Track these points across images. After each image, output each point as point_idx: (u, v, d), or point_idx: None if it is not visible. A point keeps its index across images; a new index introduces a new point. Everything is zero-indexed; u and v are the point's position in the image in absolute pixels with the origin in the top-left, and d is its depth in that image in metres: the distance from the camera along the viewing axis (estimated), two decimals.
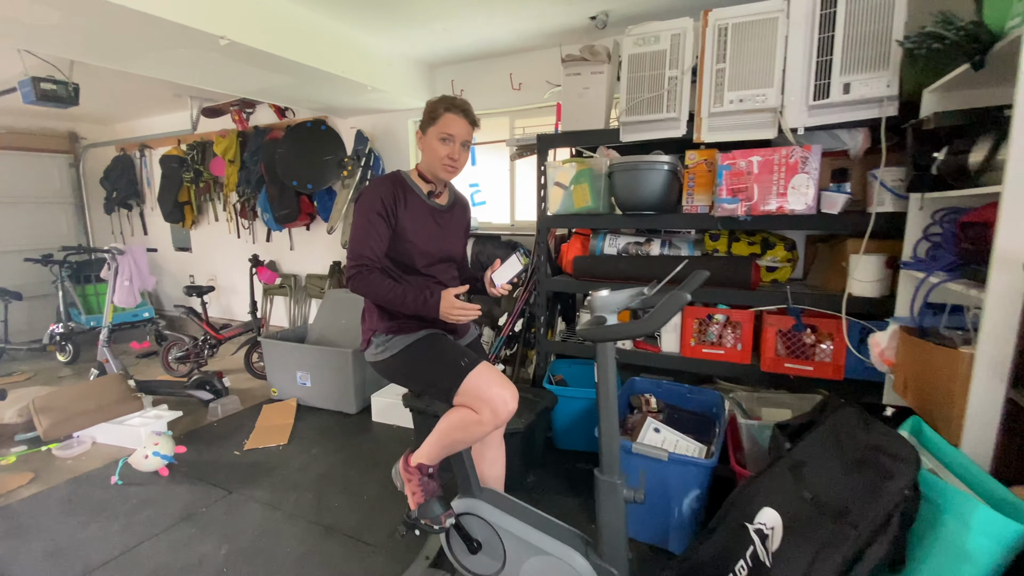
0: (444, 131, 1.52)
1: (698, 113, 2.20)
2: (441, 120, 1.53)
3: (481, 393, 1.39)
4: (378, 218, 1.50)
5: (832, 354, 2.11)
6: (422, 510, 1.53)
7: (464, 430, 1.43)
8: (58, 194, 5.50)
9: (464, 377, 1.41)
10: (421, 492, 1.54)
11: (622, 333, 1.18)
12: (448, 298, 1.42)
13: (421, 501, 1.53)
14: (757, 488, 1.44)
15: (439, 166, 1.56)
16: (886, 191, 1.93)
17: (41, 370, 4.26)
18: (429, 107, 1.57)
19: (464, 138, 1.55)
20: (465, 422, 1.42)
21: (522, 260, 1.54)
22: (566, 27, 2.99)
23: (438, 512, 1.51)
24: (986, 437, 1.22)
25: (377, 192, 1.52)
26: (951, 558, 1.05)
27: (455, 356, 1.47)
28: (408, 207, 1.55)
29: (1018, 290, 1.14)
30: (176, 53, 2.57)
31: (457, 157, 1.55)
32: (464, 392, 1.41)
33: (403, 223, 1.53)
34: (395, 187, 1.55)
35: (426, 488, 1.54)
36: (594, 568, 1.36)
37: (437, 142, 1.53)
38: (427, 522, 1.51)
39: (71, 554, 1.95)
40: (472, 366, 1.43)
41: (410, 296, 1.44)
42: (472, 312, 1.42)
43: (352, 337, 3.35)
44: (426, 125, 1.57)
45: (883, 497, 1.07)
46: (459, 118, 1.53)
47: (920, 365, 1.46)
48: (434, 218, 1.61)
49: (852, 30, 1.87)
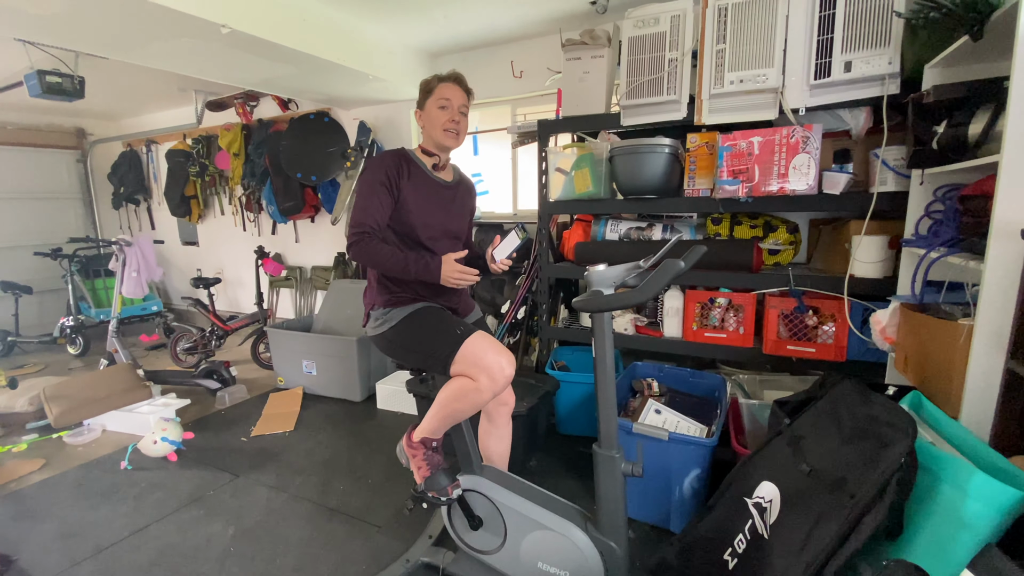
0: (441, 97, 1.58)
1: (699, 95, 2.19)
2: (437, 90, 1.59)
3: (478, 360, 1.39)
4: (381, 188, 1.52)
5: (834, 336, 2.11)
6: (428, 483, 1.53)
7: (463, 399, 1.42)
8: (66, 190, 5.57)
9: (460, 345, 1.41)
10: (426, 465, 1.55)
11: (617, 302, 1.19)
12: (449, 261, 1.45)
13: (427, 474, 1.54)
14: (756, 464, 1.44)
15: (440, 132, 1.59)
16: (888, 170, 1.91)
17: (52, 362, 4.33)
18: (424, 84, 1.63)
19: (461, 103, 1.61)
20: (464, 390, 1.41)
21: (520, 235, 1.58)
22: (566, 12, 2.98)
23: (444, 484, 1.52)
24: (985, 409, 1.22)
25: (381, 163, 1.55)
26: (949, 525, 1.05)
27: (451, 325, 1.49)
28: (411, 179, 1.57)
29: (1017, 258, 1.14)
30: (179, 43, 2.58)
31: (458, 120, 1.60)
32: (461, 360, 1.41)
33: (405, 195, 1.55)
34: (399, 160, 1.58)
35: (431, 461, 1.55)
36: (593, 542, 1.37)
37: (436, 110, 1.58)
38: (434, 494, 1.52)
39: (82, 535, 1.99)
40: (468, 334, 1.44)
41: (411, 260, 1.47)
42: (471, 276, 1.46)
43: (357, 327, 3.38)
44: (423, 100, 1.62)
45: (880, 465, 1.08)
46: (453, 85, 1.60)
47: (920, 340, 1.46)
48: (437, 192, 1.64)
49: (853, 7, 1.86)
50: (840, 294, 2.01)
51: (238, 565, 1.80)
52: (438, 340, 1.46)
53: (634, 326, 2.59)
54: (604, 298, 1.22)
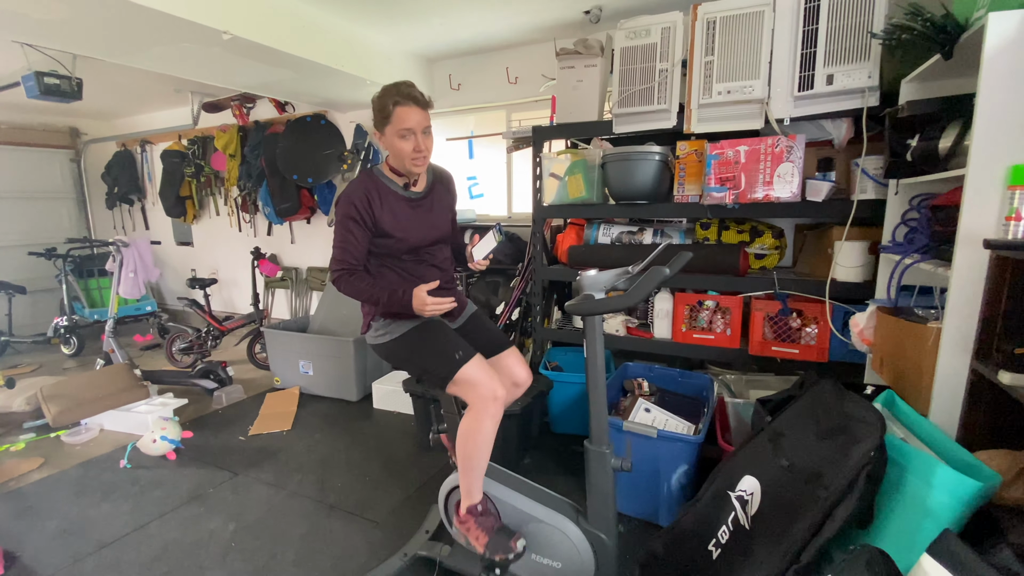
0: (401, 127, 1.48)
1: (688, 104, 2.27)
2: (394, 116, 1.48)
3: (473, 384, 1.48)
4: (353, 223, 1.53)
5: (817, 337, 2.19)
6: (490, 548, 1.50)
7: (473, 438, 1.49)
8: (59, 189, 5.56)
9: (458, 370, 1.49)
10: (482, 532, 1.53)
11: (607, 306, 1.26)
12: (419, 296, 1.45)
13: (486, 540, 1.51)
14: (739, 459, 1.51)
15: (408, 162, 1.53)
16: (868, 179, 2.00)
17: (46, 362, 4.33)
18: (378, 105, 1.52)
19: (423, 125, 1.51)
20: (469, 431, 1.49)
21: (497, 237, 1.63)
22: (561, 21, 3.05)
23: (506, 541, 1.50)
24: (952, 406, 1.30)
25: (350, 199, 1.53)
26: (914, 514, 1.12)
27: (451, 347, 1.53)
28: (384, 204, 1.56)
29: (981, 265, 1.22)
30: (180, 48, 2.62)
31: (423, 148, 1.52)
32: (457, 383, 1.50)
33: (382, 222, 1.55)
34: (367, 189, 1.55)
35: (485, 526, 1.54)
36: (584, 534, 1.44)
37: (398, 140, 1.50)
38: (500, 556, 1.48)
39: (84, 531, 2.02)
40: (465, 360, 1.50)
41: (385, 297, 1.50)
42: (445, 305, 1.47)
43: (353, 327, 3.42)
44: (381, 124, 1.53)
45: (851, 459, 1.15)
46: (410, 107, 1.48)
47: (894, 342, 1.54)
48: (413, 208, 1.63)
49: (835, 23, 1.94)
50: (822, 297, 2.09)
51: (239, 560, 1.84)
52: (438, 361, 1.52)
53: (625, 328, 2.66)
54: (595, 302, 1.29)
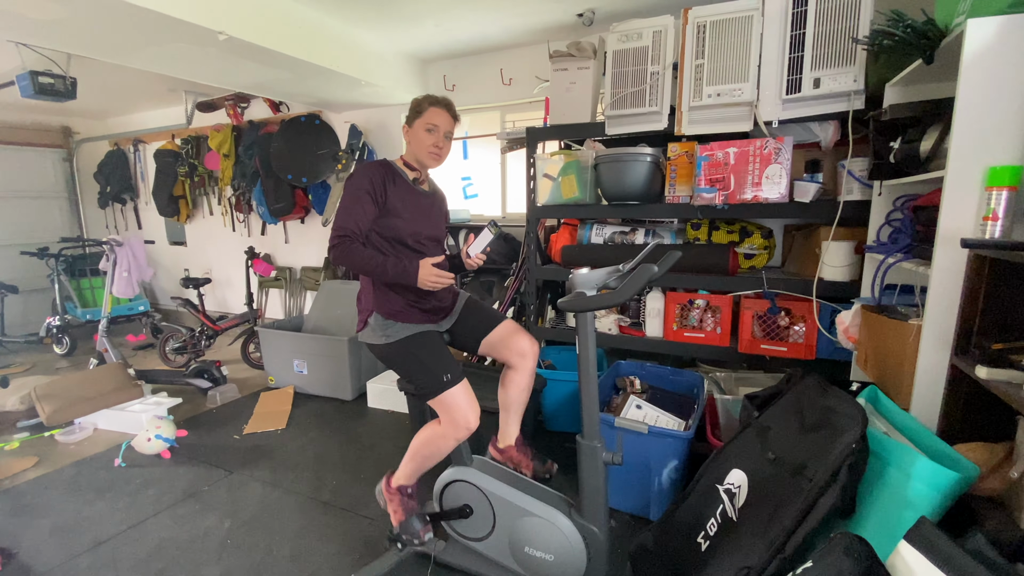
0: (430, 122, 1.66)
1: (679, 107, 2.30)
2: (427, 113, 1.66)
3: (451, 410, 1.57)
4: (365, 195, 1.59)
5: (804, 335, 2.23)
6: (403, 527, 1.69)
7: (432, 445, 1.62)
8: (52, 189, 5.53)
9: (443, 391, 1.57)
10: (402, 510, 1.70)
11: (597, 303, 1.29)
12: (426, 266, 1.54)
13: (402, 519, 1.69)
14: (728, 453, 1.55)
15: (425, 153, 1.68)
16: (854, 180, 2.04)
17: (38, 362, 4.32)
18: (415, 103, 1.70)
19: (447, 129, 1.69)
20: (431, 439, 1.62)
21: (492, 231, 1.69)
22: (554, 24, 3.09)
23: (417, 528, 1.67)
24: (933, 401, 1.34)
25: (367, 173, 1.63)
26: (894, 505, 1.16)
27: (442, 367, 1.59)
28: (397, 187, 1.66)
29: (959, 265, 1.26)
30: (175, 48, 2.64)
31: (442, 146, 1.69)
32: (438, 402, 1.58)
33: (393, 201, 1.64)
34: (384, 170, 1.66)
35: (405, 507, 1.71)
36: (576, 527, 1.47)
37: (423, 132, 1.66)
38: (407, 537, 1.68)
39: (79, 529, 2.03)
40: (452, 384, 1.57)
41: (391, 263, 1.55)
42: (446, 279, 1.56)
43: (347, 326, 3.44)
44: (412, 118, 1.70)
45: (834, 451, 1.19)
46: (443, 111, 1.68)
47: (877, 339, 1.58)
48: (419, 201, 1.73)
49: (821, 28, 1.98)
50: (810, 296, 2.13)
51: (235, 556, 1.86)
52: (427, 377, 1.59)
53: (618, 326, 2.70)
54: (586, 299, 1.32)
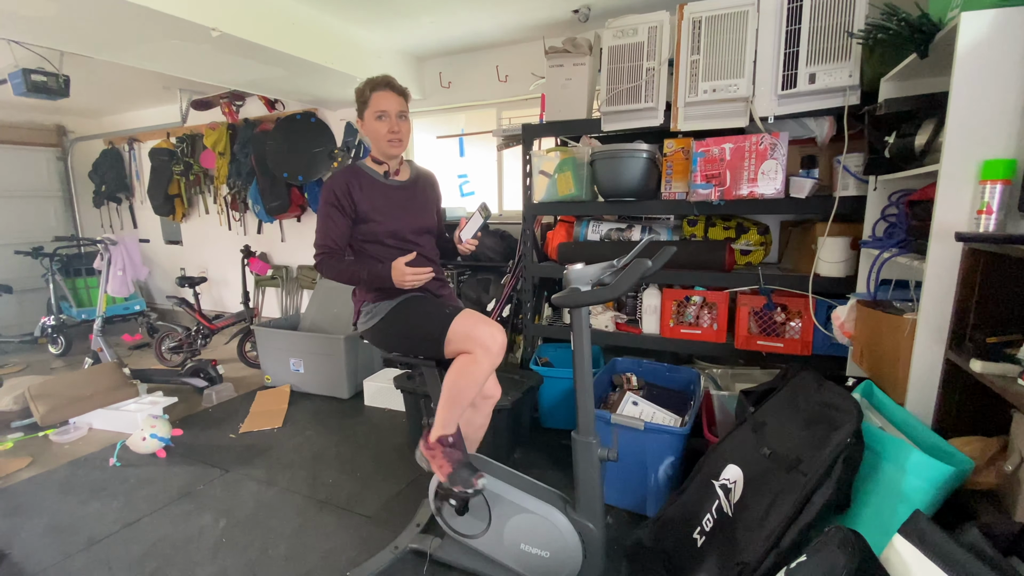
0: (378, 109, 1.61)
1: (675, 103, 2.30)
2: (372, 100, 1.62)
3: (469, 333, 1.47)
4: (332, 209, 1.62)
5: (801, 331, 2.23)
6: (452, 479, 1.52)
7: (465, 375, 1.48)
8: (46, 188, 5.50)
9: (450, 323, 1.50)
10: (447, 462, 1.55)
11: (591, 298, 1.29)
12: (398, 266, 1.52)
13: (449, 471, 1.53)
14: (723, 449, 1.55)
15: (384, 143, 1.65)
16: (849, 176, 2.04)
17: (33, 362, 4.29)
18: (358, 92, 1.65)
19: (398, 109, 1.64)
20: (464, 368, 1.48)
21: (483, 214, 1.67)
22: (550, 20, 3.08)
23: (468, 476, 1.50)
24: (927, 395, 1.34)
25: (330, 186, 1.63)
26: (889, 498, 1.16)
27: (439, 308, 1.57)
28: (364, 191, 1.64)
29: (953, 259, 1.26)
30: (168, 44, 2.62)
31: (398, 129, 1.64)
32: (453, 337, 1.49)
33: (362, 207, 1.63)
34: (347, 178, 1.64)
35: (451, 457, 1.56)
36: (572, 523, 1.46)
37: (375, 122, 1.63)
38: (459, 488, 1.50)
39: (74, 528, 2.02)
40: (456, 313, 1.53)
41: (364, 270, 1.56)
42: (423, 276, 1.53)
43: (344, 325, 3.43)
44: (361, 111, 1.66)
45: (829, 445, 1.19)
46: (387, 92, 1.62)
47: (873, 334, 1.58)
48: (394, 196, 1.70)
49: (817, 23, 1.98)
50: (806, 292, 2.13)
51: (230, 555, 1.85)
52: (429, 323, 1.54)
53: (614, 323, 2.69)
54: (580, 294, 1.32)
